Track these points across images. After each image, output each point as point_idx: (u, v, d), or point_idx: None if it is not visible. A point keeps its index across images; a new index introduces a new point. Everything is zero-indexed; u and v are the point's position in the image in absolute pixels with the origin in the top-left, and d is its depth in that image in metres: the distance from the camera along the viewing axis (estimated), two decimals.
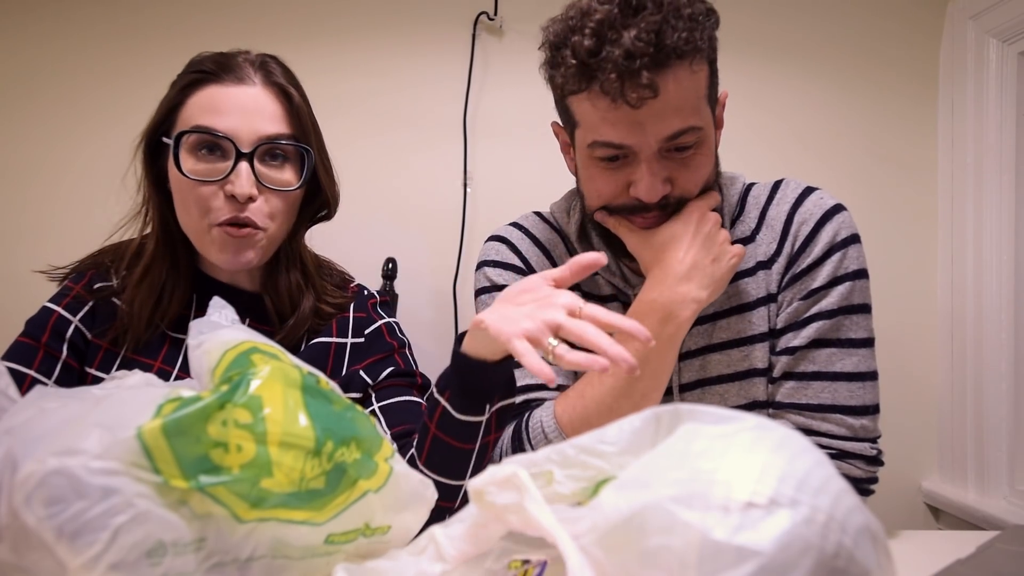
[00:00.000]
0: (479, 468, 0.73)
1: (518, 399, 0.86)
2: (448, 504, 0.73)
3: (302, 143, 0.83)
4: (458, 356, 0.70)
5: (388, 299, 1.00)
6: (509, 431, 0.85)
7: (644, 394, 0.77)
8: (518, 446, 0.83)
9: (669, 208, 0.81)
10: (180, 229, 0.84)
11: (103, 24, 1.36)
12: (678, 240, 0.79)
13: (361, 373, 0.89)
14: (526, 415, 0.84)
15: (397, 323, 0.96)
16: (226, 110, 0.79)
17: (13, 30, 1.34)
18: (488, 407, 0.70)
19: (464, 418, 0.70)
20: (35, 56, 1.35)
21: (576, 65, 0.73)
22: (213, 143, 0.79)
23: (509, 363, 0.69)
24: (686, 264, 0.78)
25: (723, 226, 0.88)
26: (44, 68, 1.35)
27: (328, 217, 0.94)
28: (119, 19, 1.36)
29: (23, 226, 1.34)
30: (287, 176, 0.83)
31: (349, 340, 0.91)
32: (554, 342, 0.58)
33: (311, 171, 0.84)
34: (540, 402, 0.85)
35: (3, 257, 1.33)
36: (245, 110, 0.79)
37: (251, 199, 0.79)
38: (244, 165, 0.78)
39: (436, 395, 0.72)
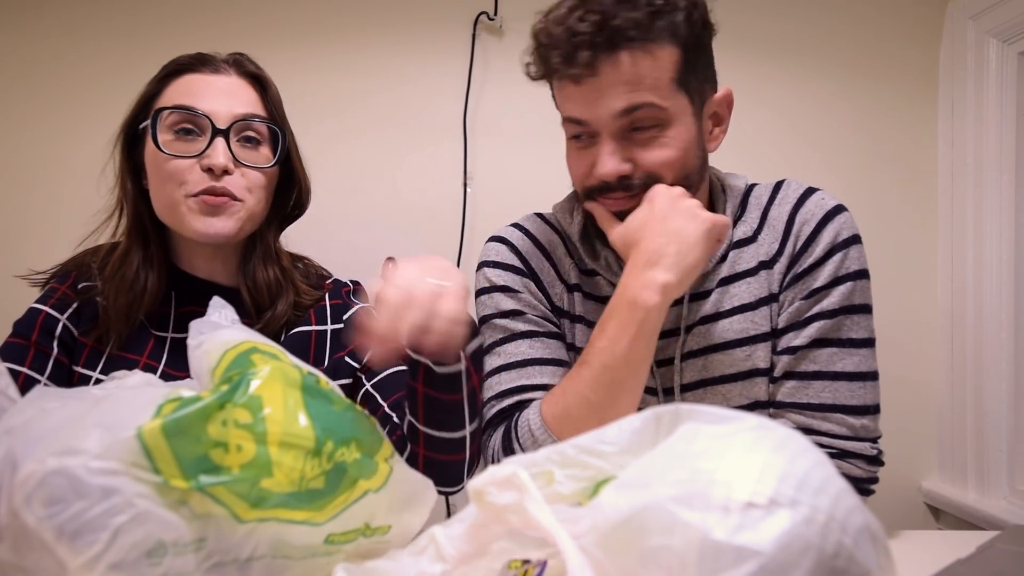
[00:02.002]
0: (474, 414, 0.75)
1: (508, 401, 0.86)
2: (456, 457, 0.75)
3: (276, 125, 0.87)
4: None
5: (360, 286, 1.00)
6: (500, 432, 0.86)
7: (620, 383, 0.77)
8: (508, 446, 0.83)
9: (634, 190, 0.81)
10: (153, 221, 0.86)
11: (103, 22, 1.35)
12: (644, 227, 0.79)
13: (346, 359, 0.89)
14: (515, 416, 0.84)
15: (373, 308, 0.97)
16: (204, 94, 0.83)
17: (12, 27, 1.34)
18: (460, 354, 0.71)
19: (444, 371, 0.71)
20: (33, 53, 1.35)
21: (536, 48, 0.80)
22: (191, 122, 0.82)
23: None
24: (649, 250, 0.77)
25: (727, 227, 0.88)
26: (42, 65, 1.35)
27: (302, 212, 0.96)
28: (119, 16, 1.36)
29: (23, 226, 1.34)
30: (263, 154, 0.86)
31: (329, 327, 0.91)
32: None
33: (285, 150, 0.88)
34: (529, 403, 0.85)
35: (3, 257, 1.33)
36: (221, 93, 0.84)
37: (226, 172, 0.82)
38: (220, 140, 0.82)
39: (414, 355, 0.71)
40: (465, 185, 1.41)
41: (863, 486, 0.82)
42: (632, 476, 0.37)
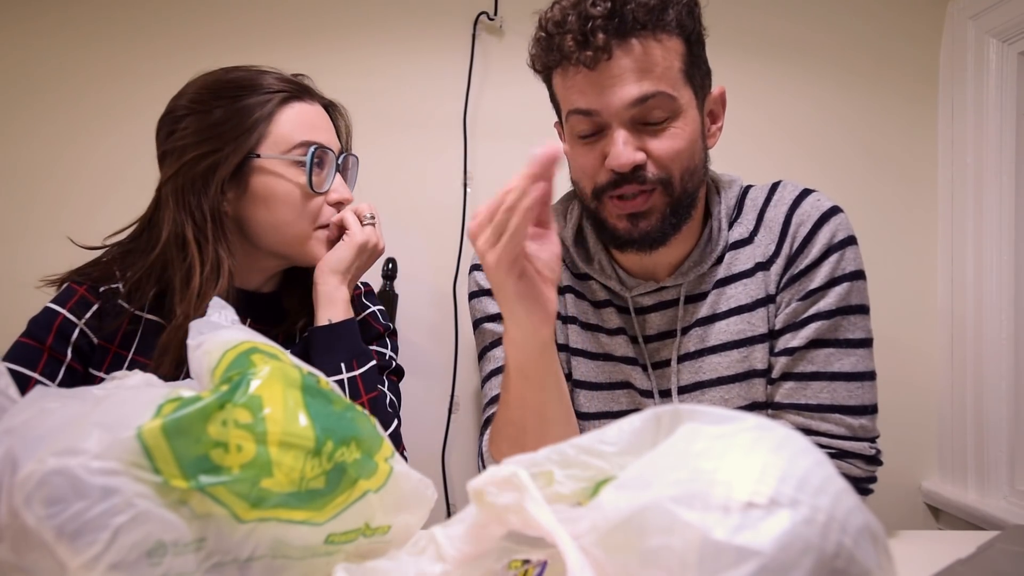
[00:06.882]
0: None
1: (493, 409, 0.88)
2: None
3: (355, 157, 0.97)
4: None
5: (372, 288, 1.07)
6: (479, 442, 0.88)
7: (522, 402, 0.76)
8: (480, 459, 0.86)
9: (648, 183, 0.79)
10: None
11: (105, 21, 1.35)
12: None
13: None
14: (488, 431, 0.86)
15: (383, 310, 1.04)
16: (318, 126, 0.87)
17: (14, 25, 1.34)
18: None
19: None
20: (37, 52, 1.34)
21: (544, 38, 0.78)
22: (322, 158, 0.87)
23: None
24: None
25: (721, 228, 0.88)
26: (45, 64, 1.35)
27: None
28: (120, 15, 1.36)
29: (27, 227, 1.34)
30: None
31: None
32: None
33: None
34: None
35: (4, 258, 1.33)
36: (327, 127, 0.89)
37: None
38: (338, 175, 0.89)
39: None
40: (465, 185, 1.41)
41: (862, 486, 0.82)
42: (632, 476, 0.37)
